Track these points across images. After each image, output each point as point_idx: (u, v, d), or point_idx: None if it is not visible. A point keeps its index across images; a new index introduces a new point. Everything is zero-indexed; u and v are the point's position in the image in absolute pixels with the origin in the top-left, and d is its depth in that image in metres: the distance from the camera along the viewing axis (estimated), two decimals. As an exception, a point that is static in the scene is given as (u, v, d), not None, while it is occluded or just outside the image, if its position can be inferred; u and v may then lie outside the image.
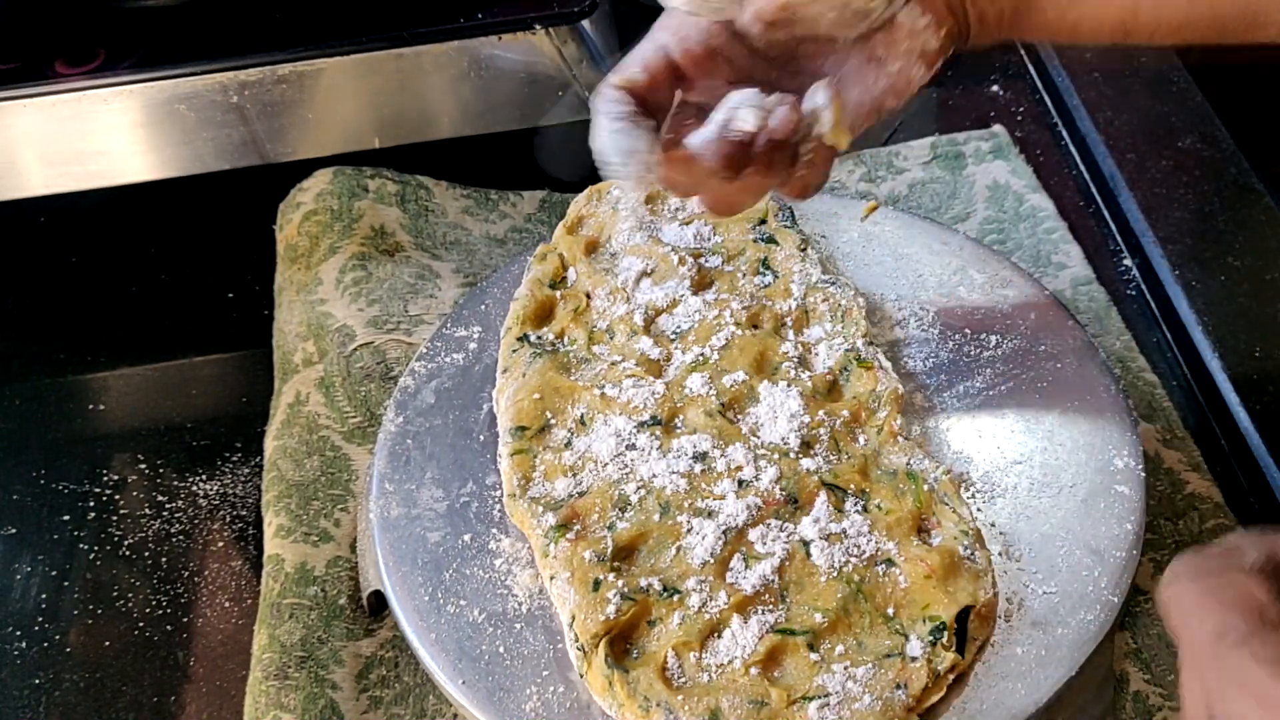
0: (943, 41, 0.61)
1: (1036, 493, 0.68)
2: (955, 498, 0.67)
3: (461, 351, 0.77)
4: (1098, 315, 0.84)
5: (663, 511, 0.66)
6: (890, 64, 0.62)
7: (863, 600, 0.63)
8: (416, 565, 0.67)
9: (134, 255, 0.97)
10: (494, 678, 0.62)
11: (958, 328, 0.76)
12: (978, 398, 0.73)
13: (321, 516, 0.76)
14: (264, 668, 0.69)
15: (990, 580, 0.64)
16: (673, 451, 0.68)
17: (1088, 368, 0.73)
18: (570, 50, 0.92)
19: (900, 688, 0.60)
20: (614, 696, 0.60)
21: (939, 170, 0.95)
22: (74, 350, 0.92)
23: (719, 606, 0.62)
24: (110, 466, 0.84)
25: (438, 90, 0.93)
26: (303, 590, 0.73)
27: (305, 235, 0.90)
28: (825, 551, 0.64)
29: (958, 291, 0.78)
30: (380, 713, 0.69)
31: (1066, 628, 0.62)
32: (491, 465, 0.71)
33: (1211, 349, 0.81)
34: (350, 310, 0.85)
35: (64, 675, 0.74)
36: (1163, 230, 0.89)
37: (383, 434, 0.73)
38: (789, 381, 0.71)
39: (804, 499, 0.66)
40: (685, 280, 0.76)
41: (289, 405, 0.82)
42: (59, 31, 0.91)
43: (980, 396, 0.73)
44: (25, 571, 0.79)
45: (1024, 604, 0.63)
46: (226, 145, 0.92)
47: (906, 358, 0.75)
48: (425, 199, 0.93)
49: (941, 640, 0.61)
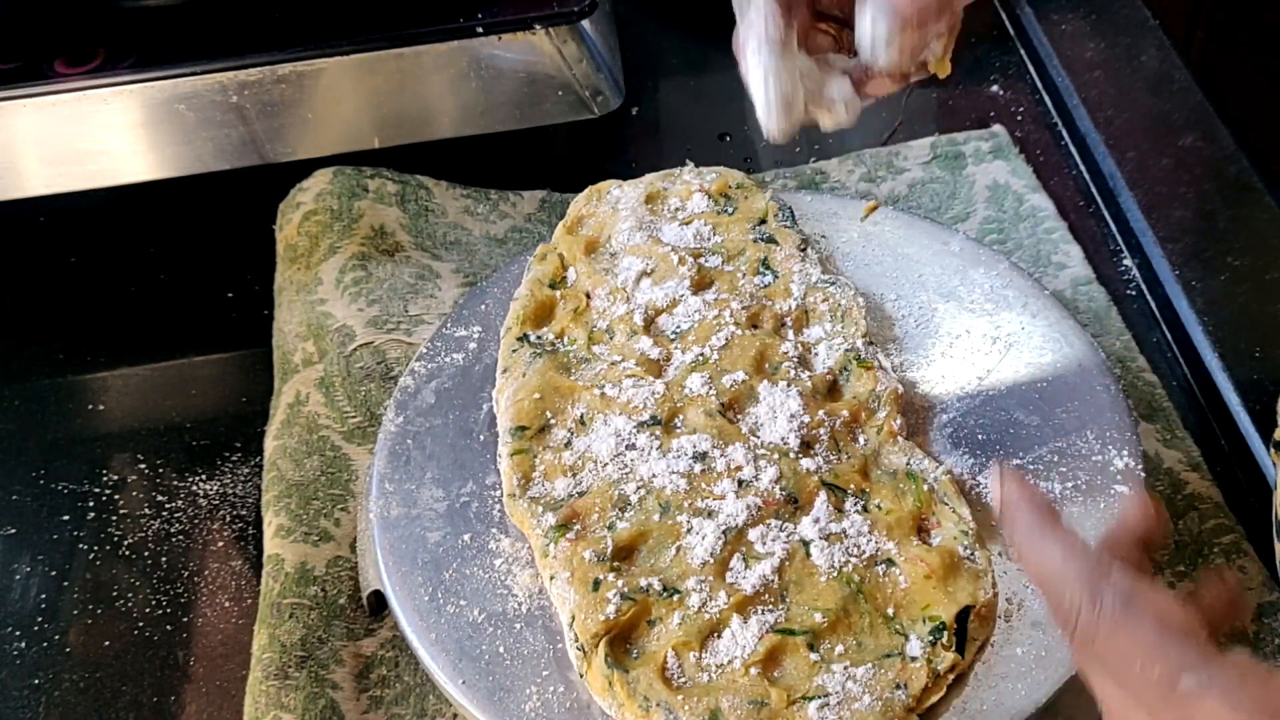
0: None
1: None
2: (955, 498, 0.67)
3: (461, 351, 0.77)
4: (1098, 315, 0.84)
5: (663, 511, 0.66)
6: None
7: (863, 600, 0.63)
8: (416, 565, 0.67)
9: (133, 255, 0.97)
10: (494, 678, 0.62)
11: (957, 328, 0.76)
12: (977, 398, 0.73)
13: (321, 516, 0.76)
14: (264, 667, 0.69)
15: (990, 580, 0.64)
16: (673, 451, 0.68)
17: (1088, 368, 0.73)
18: (570, 50, 0.92)
19: (900, 688, 0.60)
20: (614, 696, 0.60)
21: (939, 170, 0.95)
22: (73, 350, 0.92)
23: (719, 606, 0.62)
24: (110, 466, 0.84)
25: (437, 90, 0.93)
26: (303, 590, 0.73)
27: (305, 235, 0.90)
28: (825, 551, 0.64)
29: (958, 291, 0.78)
30: (381, 712, 0.69)
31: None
32: (491, 465, 0.71)
33: (1211, 349, 0.81)
34: (350, 310, 0.85)
35: (63, 675, 0.74)
36: (1163, 230, 0.89)
37: (383, 434, 0.73)
38: (789, 381, 0.71)
39: (804, 499, 0.66)
40: (685, 280, 0.76)
41: (289, 405, 0.82)
42: (59, 31, 0.91)
43: (980, 396, 0.73)
44: (25, 571, 0.78)
45: (1024, 604, 0.63)
46: (226, 145, 0.92)
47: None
48: (425, 199, 0.93)
49: (941, 640, 0.61)
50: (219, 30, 0.91)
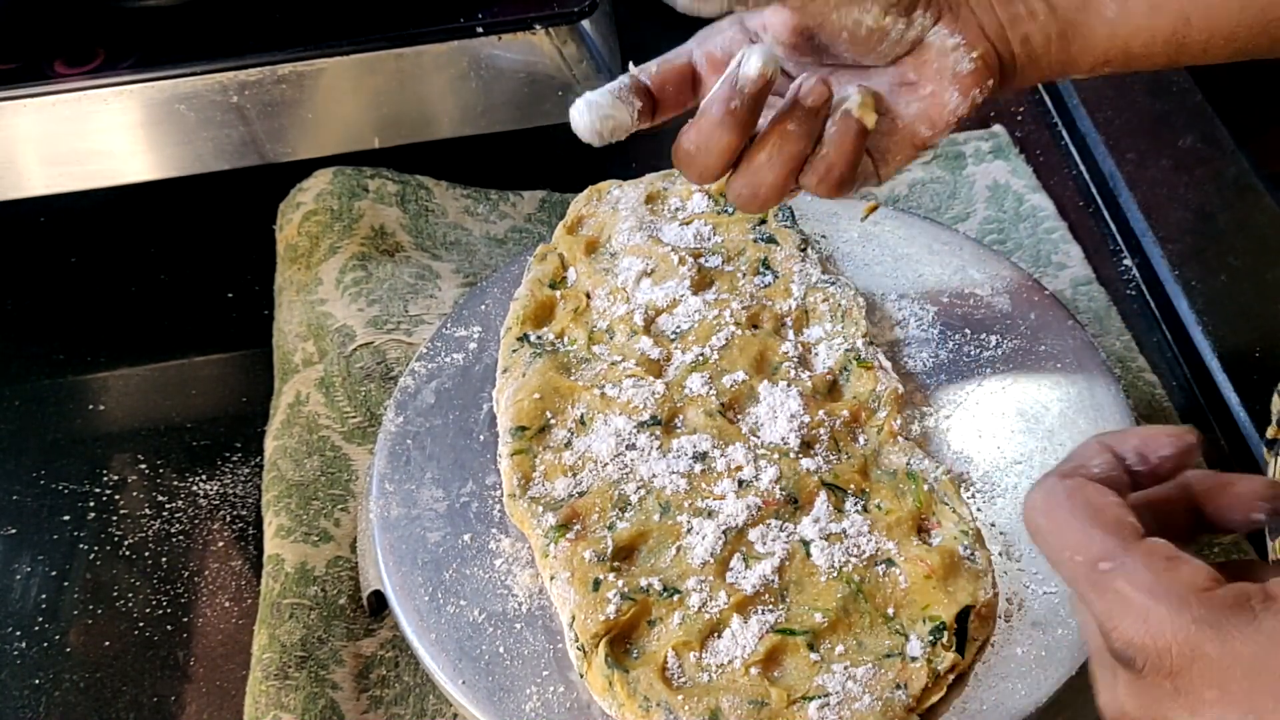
0: (978, 65, 0.60)
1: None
2: (955, 498, 0.67)
3: (461, 351, 0.77)
4: (1098, 315, 0.84)
5: (663, 511, 0.66)
6: (922, 87, 0.60)
7: (863, 600, 0.63)
8: (417, 565, 0.67)
9: (133, 255, 0.97)
10: (494, 678, 0.62)
11: (958, 328, 0.76)
12: (978, 397, 0.73)
13: (321, 516, 0.76)
14: (264, 668, 0.69)
15: (990, 580, 0.64)
16: (672, 451, 0.68)
17: (1088, 368, 0.73)
18: (570, 50, 0.92)
19: (900, 688, 0.60)
20: (614, 696, 0.60)
21: (939, 170, 0.95)
22: (73, 350, 0.92)
23: (719, 606, 0.62)
24: (110, 467, 0.84)
25: (437, 90, 0.93)
26: (303, 590, 0.73)
27: (305, 235, 0.90)
28: (825, 551, 0.64)
29: (958, 291, 0.78)
30: (380, 713, 0.69)
31: (1066, 628, 0.62)
32: (491, 465, 0.71)
33: (1211, 349, 0.81)
34: (350, 310, 0.85)
35: (64, 675, 0.74)
36: (1162, 230, 0.89)
37: (383, 434, 0.73)
38: (789, 381, 0.71)
39: (804, 499, 0.66)
40: (685, 280, 0.76)
41: (289, 405, 0.82)
42: (59, 31, 0.91)
43: (980, 396, 0.73)
44: (25, 572, 0.79)
45: (1024, 604, 0.63)
46: (226, 145, 0.92)
47: (906, 358, 0.75)
48: (425, 199, 0.93)
49: (941, 640, 0.61)
50: (219, 30, 0.91)
